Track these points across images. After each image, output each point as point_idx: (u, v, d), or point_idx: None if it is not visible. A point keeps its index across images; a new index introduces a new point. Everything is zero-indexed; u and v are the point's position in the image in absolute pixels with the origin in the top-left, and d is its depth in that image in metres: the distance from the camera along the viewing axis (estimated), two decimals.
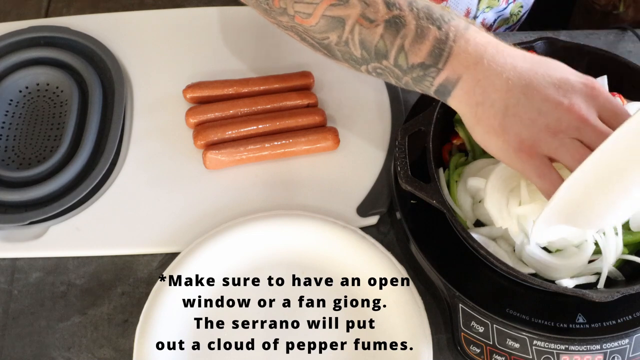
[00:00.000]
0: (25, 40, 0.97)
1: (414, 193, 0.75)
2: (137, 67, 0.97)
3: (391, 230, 0.86)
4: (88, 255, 0.84)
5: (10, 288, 0.82)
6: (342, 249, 0.81)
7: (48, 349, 0.78)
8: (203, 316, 0.79)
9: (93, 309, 0.81)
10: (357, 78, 0.97)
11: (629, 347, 0.73)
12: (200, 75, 0.95)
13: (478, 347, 0.74)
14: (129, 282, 0.83)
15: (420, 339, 0.75)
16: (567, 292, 0.70)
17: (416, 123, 0.79)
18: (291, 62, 0.98)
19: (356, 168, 0.89)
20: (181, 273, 0.79)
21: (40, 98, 0.94)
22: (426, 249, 0.78)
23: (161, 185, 0.88)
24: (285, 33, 0.77)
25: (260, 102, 0.91)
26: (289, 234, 0.82)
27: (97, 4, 1.28)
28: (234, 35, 1.01)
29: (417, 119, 0.79)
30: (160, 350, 0.75)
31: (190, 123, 0.90)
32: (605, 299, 0.68)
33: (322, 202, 0.86)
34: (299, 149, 0.88)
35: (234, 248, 0.82)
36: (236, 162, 0.88)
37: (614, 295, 0.68)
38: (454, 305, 0.75)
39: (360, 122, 0.93)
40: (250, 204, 0.86)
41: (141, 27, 1.02)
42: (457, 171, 0.81)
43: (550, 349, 0.73)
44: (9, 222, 0.83)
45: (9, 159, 0.90)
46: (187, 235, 0.83)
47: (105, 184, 0.88)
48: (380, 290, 0.79)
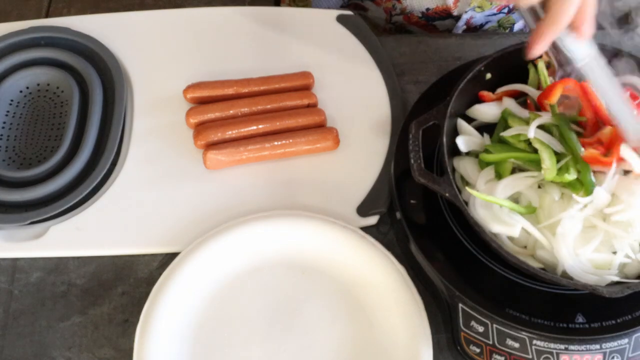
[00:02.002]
0: (26, 40, 0.97)
1: (428, 186, 0.75)
2: (137, 67, 0.98)
3: (391, 230, 0.86)
4: (88, 255, 0.84)
5: (11, 288, 0.82)
6: (342, 249, 0.81)
7: (48, 349, 0.79)
8: (203, 316, 0.79)
9: (93, 308, 0.81)
10: (357, 78, 0.97)
11: (628, 347, 0.73)
12: (200, 75, 0.95)
13: (478, 346, 0.74)
14: (129, 282, 0.83)
15: (420, 339, 0.75)
16: (578, 286, 0.70)
17: (430, 117, 0.79)
18: (291, 62, 0.98)
19: (356, 168, 0.89)
20: (181, 273, 0.79)
21: (41, 98, 0.95)
22: (426, 249, 0.78)
23: (161, 185, 0.88)
24: None
25: (261, 102, 0.91)
26: (289, 234, 0.82)
27: (97, 4, 1.28)
28: (234, 35, 1.01)
29: (431, 112, 0.80)
30: (161, 350, 0.75)
31: (190, 123, 0.90)
32: (615, 295, 0.68)
33: (322, 202, 0.87)
34: (299, 149, 0.89)
35: (234, 248, 0.82)
36: (236, 162, 0.88)
37: (624, 291, 0.68)
38: (454, 305, 0.75)
39: (360, 122, 0.93)
40: (250, 204, 0.86)
41: (141, 27, 1.02)
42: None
43: (549, 349, 0.73)
44: (9, 222, 0.84)
45: (10, 159, 0.90)
46: (187, 235, 0.83)
47: (105, 184, 0.88)
48: (380, 290, 0.79)
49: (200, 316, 0.79)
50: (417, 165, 0.76)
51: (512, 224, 0.74)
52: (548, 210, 0.75)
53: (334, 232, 0.82)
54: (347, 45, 1.00)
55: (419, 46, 1.01)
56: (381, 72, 0.97)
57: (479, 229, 0.72)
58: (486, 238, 0.72)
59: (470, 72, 0.82)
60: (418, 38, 1.03)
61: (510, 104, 0.84)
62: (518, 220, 0.74)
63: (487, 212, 0.75)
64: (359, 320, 0.79)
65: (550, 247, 0.74)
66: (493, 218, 0.75)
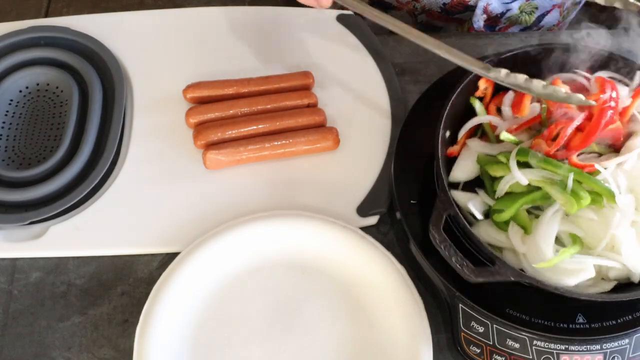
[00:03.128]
0: (25, 40, 0.97)
1: (489, 281, 0.70)
2: (137, 67, 0.97)
3: (391, 230, 0.86)
4: (88, 255, 0.84)
5: (11, 288, 0.82)
6: (342, 249, 0.81)
7: (48, 349, 0.78)
8: (203, 316, 0.79)
9: (93, 309, 0.81)
10: (357, 78, 0.97)
11: (628, 347, 0.73)
12: (200, 75, 0.95)
13: (478, 347, 0.74)
14: (129, 282, 0.83)
15: (420, 339, 0.75)
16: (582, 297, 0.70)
17: (440, 211, 0.73)
18: (291, 62, 0.98)
19: (356, 168, 0.89)
20: (181, 273, 0.79)
21: (41, 98, 0.94)
22: (426, 249, 0.78)
23: (161, 185, 0.88)
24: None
25: (261, 102, 0.91)
26: (289, 234, 0.82)
27: (97, 4, 1.28)
28: (234, 35, 1.01)
29: (437, 206, 0.74)
30: (160, 350, 0.75)
31: (190, 123, 0.90)
32: None
33: (322, 202, 0.86)
34: (299, 149, 0.88)
35: (234, 248, 0.82)
36: (236, 162, 0.88)
37: None
38: (454, 305, 0.75)
39: (360, 122, 0.93)
40: (250, 204, 0.86)
41: (141, 27, 1.02)
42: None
43: (550, 349, 0.73)
44: (9, 222, 0.84)
45: (9, 159, 0.90)
46: (187, 235, 0.83)
47: (105, 183, 0.88)
48: (380, 290, 0.79)
49: (200, 316, 0.79)
50: (467, 268, 0.70)
51: (583, 268, 0.72)
52: (593, 233, 0.74)
53: (334, 232, 0.82)
54: (347, 45, 1.00)
55: (419, 46, 1.00)
56: (381, 72, 0.97)
57: (565, 291, 0.70)
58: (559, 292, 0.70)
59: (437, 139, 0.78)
60: None
61: (476, 145, 0.82)
62: (583, 260, 0.72)
63: (551, 272, 0.73)
64: (359, 320, 0.79)
65: (622, 266, 0.73)
66: (561, 273, 0.72)
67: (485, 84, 0.84)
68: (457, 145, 0.83)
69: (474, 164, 0.81)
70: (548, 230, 0.74)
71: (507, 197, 0.77)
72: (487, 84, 0.84)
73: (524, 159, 0.76)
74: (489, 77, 0.75)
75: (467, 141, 0.83)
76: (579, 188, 0.73)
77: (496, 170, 0.78)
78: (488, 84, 0.84)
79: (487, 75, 0.75)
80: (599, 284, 0.75)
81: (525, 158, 0.76)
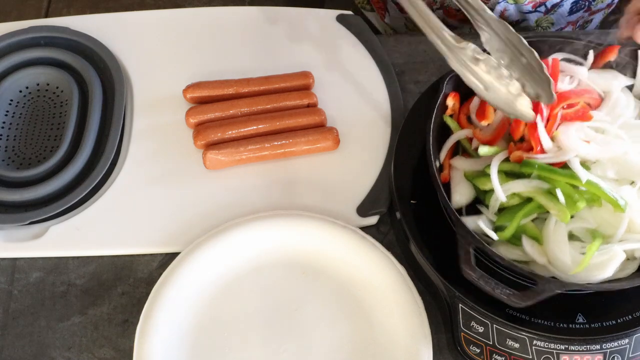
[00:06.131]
0: (26, 40, 0.97)
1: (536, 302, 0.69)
2: (137, 67, 0.98)
3: (391, 230, 0.86)
4: (88, 255, 0.84)
5: (11, 288, 0.82)
6: (342, 249, 0.81)
7: (48, 349, 0.78)
8: (203, 316, 0.79)
9: (93, 309, 0.81)
10: (357, 78, 0.97)
11: (628, 347, 0.73)
12: (200, 75, 0.95)
13: (478, 347, 0.74)
14: (129, 282, 0.83)
15: (420, 339, 0.75)
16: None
17: (466, 245, 0.71)
18: (291, 62, 0.98)
19: (356, 168, 0.89)
20: (181, 273, 0.79)
21: (41, 98, 0.94)
22: (426, 249, 0.78)
23: (161, 185, 0.88)
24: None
25: (260, 102, 0.91)
26: (288, 234, 0.82)
27: (97, 4, 1.28)
28: (234, 35, 1.01)
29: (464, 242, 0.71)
30: (160, 350, 0.75)
31: (190, 123, 0.90)
32: None
33: (322, 202, 0.86)
34: (299, 149, 0.88)
35: (234, 248, 0.82)
36: (236, 162, 0.88)
37: None
38: (454, 305, 0.75)
39: (360, 122, 0.93)
40: (250, 204, 0.86)
41: (141, 27, 1.02)
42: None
43: (550, 349, 0.73)
44: (9, 222, 0.84)
45: (9, 159, 0.90)
46: (187, 235, 0.83)
47: (105, 184, 0.88)
48: (380, 290, 0.79)
49: (200, 316, 0.79)
50: (514, 296, 0.68)
51: (613, 256, 0.71)
52: (606, 222, 0.73)
53: (334, 232, 0.82)
54: (347, 45, 1.00)
55: (419, 46, 1.01)
56: (381, 72, 0.97)
57: (615, 286, 0.71)
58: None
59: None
60: (418, 38, 1.03)
61: (462, 164, 0.81)
62: (609, 248, 0.71)
63: (584, 271, 0.71)
64: (359, 320, 0.79)
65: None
66: (595, 269, 0.71)
67: (452, 100, 0.81)
68: (445, 170, 0.81)
69: (468, 185, 0.79)
70: (557, 237, 0.72)
71: (507, 211, 0.75)
72: (453, 100, 0.82)
73: (511, 169, 0.75)
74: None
75: (451, 162, 0.81)
76: (573, 192, 0.72)
77: (485, 183, 0.76)
78: (455, 99, 0.82)
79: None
80: (627, 266, 0.74)
81: (511, 168, 0.75)
